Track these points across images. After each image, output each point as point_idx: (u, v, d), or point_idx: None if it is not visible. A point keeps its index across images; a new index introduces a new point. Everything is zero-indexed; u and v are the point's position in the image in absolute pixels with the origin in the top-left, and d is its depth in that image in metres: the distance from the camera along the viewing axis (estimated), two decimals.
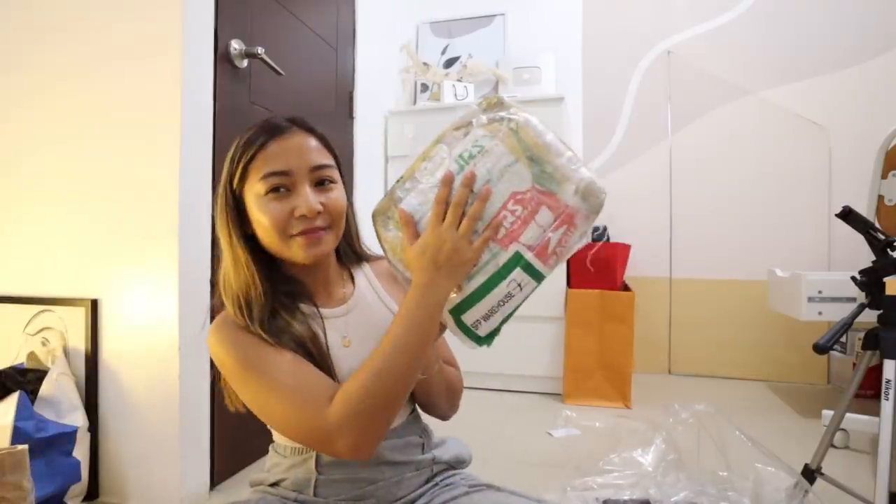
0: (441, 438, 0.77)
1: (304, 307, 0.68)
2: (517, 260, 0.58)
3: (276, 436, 0.72)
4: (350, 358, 0.67)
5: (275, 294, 0.66)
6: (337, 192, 0.67)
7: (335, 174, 0.67)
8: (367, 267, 0.77)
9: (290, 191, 0.64)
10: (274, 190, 0.63)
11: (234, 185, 0.65)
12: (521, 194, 0.58)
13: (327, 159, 0.67)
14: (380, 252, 0.69)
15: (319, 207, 0.63)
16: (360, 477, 0.67)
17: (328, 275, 0.71)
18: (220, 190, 0.66)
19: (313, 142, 0.66)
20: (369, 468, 0.68)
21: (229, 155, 0.66)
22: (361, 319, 0.71)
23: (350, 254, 0.76)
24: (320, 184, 0.65)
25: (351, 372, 0.63)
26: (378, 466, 0.68)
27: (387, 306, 0.73)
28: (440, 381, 0.72)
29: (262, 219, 0.63)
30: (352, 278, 0.75)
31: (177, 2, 1.15)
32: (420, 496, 0.70)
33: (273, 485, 0.70)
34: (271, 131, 0.65)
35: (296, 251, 0.64)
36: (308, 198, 0.63)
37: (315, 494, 0.67)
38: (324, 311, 0.69)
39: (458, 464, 0.76)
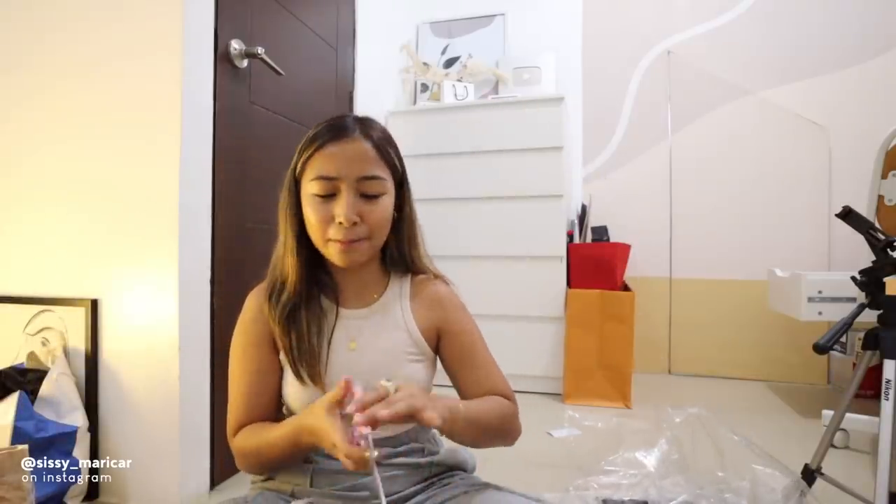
0: (449, 447, 0.77)
1: (326, 301, 0.72)
2: None
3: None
4: (352, 361, 0.69)
5: (307, 286, 0.70)
6: (382, 205, 0.68)
7: (384, 185, 0.68)
8: (408, 279, 0.76)
9: (335, 196, 0.65)
10: (321, 192, 0.65)
11: (297, 174, 0.68)
12: None
13: (379, 170, 0.67)
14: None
15: (355, 218, 0.65)
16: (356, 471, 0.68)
17: (362, 276, 0.73)
18: (287, 174, 0.70)
19: (370, 150, 0.67)
20: None
21: (301, 142, 0.69)
22: (375, 327, 0.72)
23: (398, 260, 0.76)
24: (367, 194, 0.66)
25: (346, 374, 0.65)
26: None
27: (405, 321, 0.73)
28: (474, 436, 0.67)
29: (308, 215, 0.67)
30: (387, 284, 0.75)
31: (177, 2, 1.15)
32: (417, 493, 0.70)
33: (269, 479, 0.71)
34: (333, 132, 0.67)
35: (332, 255, 0.67)
36: (346, 207, 0.64)
37: (311, 485, 0.68)
38: (343, 310, 0.72)
39: (458, 469, 0.76)
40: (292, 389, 0.70)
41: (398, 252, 0.75)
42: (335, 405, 0.57)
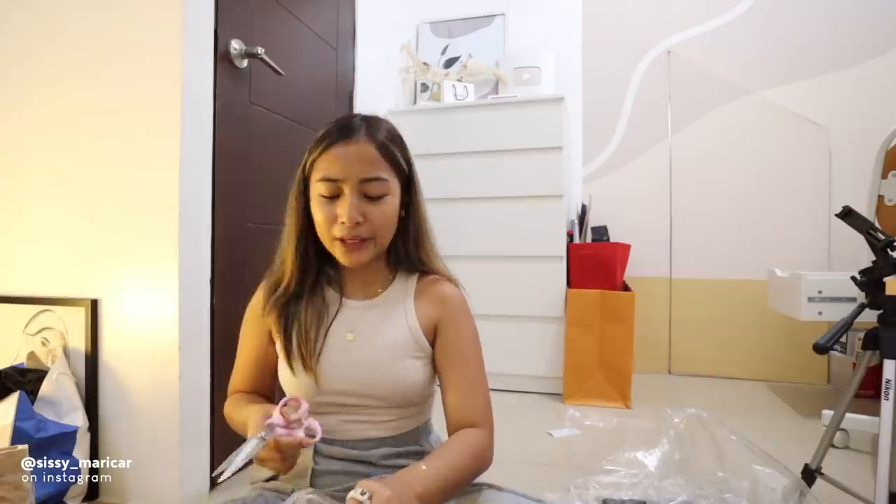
0: None
1: (332, 293, 0.74)
2: None
3: None
4: (348, 352, 0.70)
5: (314, 277, 0.73)
6: (385, 206, 0.69)
7: (387, 187, 0.68)
8: (414, 278, 0.77)
9: (339, 197, 0.67)
10: (326, 192, 0.67)
11: (306, 173, 0.71)
12: None
13: (382, 171, 0.68)
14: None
15: (358, 219, 0.66)
16: (356, 471, 0.68)
17: (366, 273, 0.75)
18: (297, 171, 0.72)
19: (374, 152, 0.68)
20: (363, 464, 0.69)
21: (311, 142, 0.71)
22: (375, 320, 0.73)
23: (404, 259, 0.76)
24: (370, 195, 0.67)
25: (343, 364, 0.69)
26: (371, 465, 0.69)
27: (406, 318, 0.73)
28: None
29: (315, 214, 0.69)
30: (392, 282, 0.76)
31: (177, 2, 1.15)
32: None
33: (270, 479, 0.71)
34: (338, 134, 0.68)
35: (337, 254, 0.69)
36: (349, 208, 0.66)
37: (311, 485, 0.68)
38: (346, 300, 0.74)
39: None
40: (286, 376, 0.72)
41: (404, 251, 0.76)
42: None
